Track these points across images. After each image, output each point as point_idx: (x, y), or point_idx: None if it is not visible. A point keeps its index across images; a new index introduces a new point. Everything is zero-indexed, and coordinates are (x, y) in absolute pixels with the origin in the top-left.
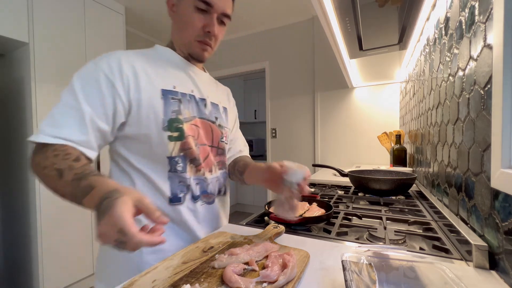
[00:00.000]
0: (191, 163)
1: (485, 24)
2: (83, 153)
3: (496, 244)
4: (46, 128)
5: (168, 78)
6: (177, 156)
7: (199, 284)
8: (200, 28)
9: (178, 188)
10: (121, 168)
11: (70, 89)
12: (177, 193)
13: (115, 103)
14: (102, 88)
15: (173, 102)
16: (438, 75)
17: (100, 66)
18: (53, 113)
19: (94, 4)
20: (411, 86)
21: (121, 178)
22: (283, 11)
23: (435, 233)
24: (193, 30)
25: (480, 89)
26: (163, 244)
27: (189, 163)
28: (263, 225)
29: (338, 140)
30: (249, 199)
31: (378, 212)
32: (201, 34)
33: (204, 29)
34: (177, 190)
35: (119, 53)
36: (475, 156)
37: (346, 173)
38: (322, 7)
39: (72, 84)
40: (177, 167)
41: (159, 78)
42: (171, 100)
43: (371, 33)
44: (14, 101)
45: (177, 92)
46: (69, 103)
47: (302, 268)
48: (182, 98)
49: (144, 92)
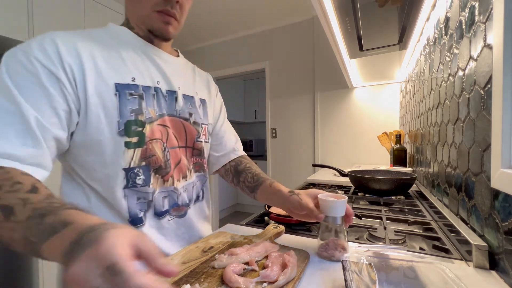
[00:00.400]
0: (156, 173)
1: (485, 24)
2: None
3: (496, 244)
4: None
5: (125, 67)
6: (137, 167)
7: (199, 284)
8: (155, 7)
9: (137, 207)
10: (74, 183)
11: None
12: (136, 213)
13: (66, 99)
14: (44, 82)
15: (131, 100)
16: (438, 75)
17: (32, 53)
18: None
19: (94, 4)
20: (411, 86)
21: (75, 196)
22: (283, 11)
23: (435, 233)
24: (149, 3)
25: (480, 89)
26: None
27: (154, 173)
28: (263, 225)
29: (338, 140)
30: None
31: (378, 212)
32: (159, 1)
33: (163, 9)
34: (136, 209)
35: (53, 34)
36: (475, 156)
37: (346, 173)
38: (322, 7)
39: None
40: (137, 180)
41: (112, 69)
42: (129, 96)
43: (371, 33)
44: None
45: (137, 86)
46: (3, 106)
47: (302, 268)
48: (144, 93)
49: (91, 86)
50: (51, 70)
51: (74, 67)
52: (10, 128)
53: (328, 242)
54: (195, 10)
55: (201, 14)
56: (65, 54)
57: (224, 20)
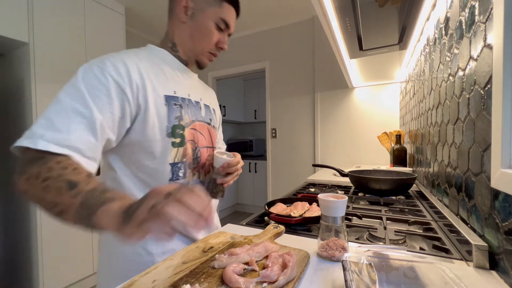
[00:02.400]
0: (189, 168)
1: (485, 24)
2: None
3: (496, 244)
4: (47, 133)
5: (168, 82)
6: (179, 162)
7: (199, 284)
8: (215, 43)
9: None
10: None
11: (75, 91)
12: None
13: (123, 108)
14: (112, 93)
15: (175, 108)
16: (438, 75)
17: (107, 70)
18: (51, 116)
19: (94, 4)
20: (411, 86)
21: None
22: (283, 11)
23: (435, 233)
24: (210, 44)
25: (480, 89)
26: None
27: (189, 168)
28: (263, 225)
29: (338, 140)
30: (249, 199)
31: (378, 212)
32: (213, 48)
33: (217, 45)
34: None
35: (122, 55)
36: (475, 156)
37: (346, 173)
38: (322, 7)
39: (76, 86)
40: (179, 173)
41: (161, 83)
42: (173, 106)
43: (371, 33)
44: (14, 101)
45: (178, 97)
46: (75, 107)
47: (302, 268)
48: (182, 103)
49: (150, 98)
50: (120, 85)
51: (139, 84)
52: (79, 126)
53: (328, 242)
54: None
55: None
56: (133, 74)
57: None
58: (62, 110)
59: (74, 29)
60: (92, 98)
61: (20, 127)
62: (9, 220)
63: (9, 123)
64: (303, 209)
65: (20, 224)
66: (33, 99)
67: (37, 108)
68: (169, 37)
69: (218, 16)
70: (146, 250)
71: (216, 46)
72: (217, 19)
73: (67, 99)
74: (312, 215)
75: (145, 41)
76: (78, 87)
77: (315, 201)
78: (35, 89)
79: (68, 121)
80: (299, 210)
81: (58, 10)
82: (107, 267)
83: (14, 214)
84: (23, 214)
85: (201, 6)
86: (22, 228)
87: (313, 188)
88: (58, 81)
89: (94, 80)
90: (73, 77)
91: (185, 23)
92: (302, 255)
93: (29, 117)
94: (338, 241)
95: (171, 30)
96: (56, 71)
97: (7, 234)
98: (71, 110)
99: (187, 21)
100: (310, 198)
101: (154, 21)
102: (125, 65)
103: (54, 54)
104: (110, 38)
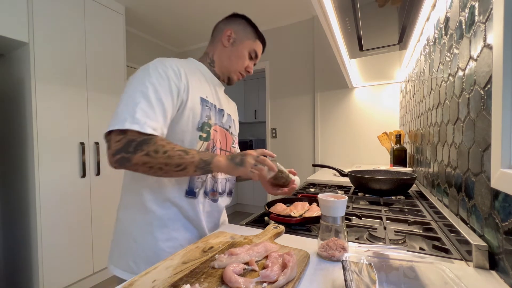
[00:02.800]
0: None
1: (485, 24)
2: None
3: (496, 244)
4: (148, 121)
5: (203, 89)
6: None
7: (199, 284)
8: (245, 67)
9: (195, 184)
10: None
11: (149, 84)
12: (193, 188)
13: (174, 102)
14: (172, 89)
15: (206, 109)
16: (438, 75)
17: (166, 71)
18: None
19: (94, 4)
20: (411, 86)
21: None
22: (283, 11)
23: (435, 233)
24: (241, 66)
25: (480, 89)
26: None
27: None
28: (263, 225)
29: (338, 140)
30: (249, 199)
31: (378, 212)
32: (243, 70)
33: (246, 68)
34: (193, 185)
35: (174, 61)
36: (475, 156)
37: (346, 173)
38: (322, 7)
39: (152, 82)
40: None
41: (198, 88)
42: (205, 106)
43: (371, 33)
44: (14, 101)
45: (208, 101)
46: (152, 97)
47: (302, 268)
48: (211, 106)
49: (190, 97)
50: (176, 84)
51: (185, 84)
52: (160, 115)
53: (328, 242)
54: (196, 10)
55: (201, 14)
56: (182, 75)
57: None
58: (144, 99)
59: (74, 29)
60: (164, 92)
61: (20, 126)
62: (9, 220)
63: (9, 122)
64: (303, 209)
65: (20, 224)
66: (33, 99)
67: (37, 108)
68: (209, 55)
69: (252, 47)
70: (152, 235)
71: (245, 69)
72: (251, 50)
73: (144, 88)
74: (312, 215)
75: (145, 41)
76: (153, 83)
77: (315, 201)
78: (35, 89)
79: (154, 111)
80: (299, 210)
81: (58, 10)
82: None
83: (14, 214)
84: (23, 214)
85: (241, 38)
86: (22, 228)
87: (313, 188)
88: (58, 81)
89: (160, 78)
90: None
91: (226, 47)
92: (302, 255)
93: (29, 117)
94: (338, 241)
95: (212, 51)
96: (56, 71)
97: (7, 234)
98: (152, 100)
99: (228, 46)
100: (310, 198)
101: (154, 21)
102: (178, 67)
103: (54, 54)
104: (110, 38)
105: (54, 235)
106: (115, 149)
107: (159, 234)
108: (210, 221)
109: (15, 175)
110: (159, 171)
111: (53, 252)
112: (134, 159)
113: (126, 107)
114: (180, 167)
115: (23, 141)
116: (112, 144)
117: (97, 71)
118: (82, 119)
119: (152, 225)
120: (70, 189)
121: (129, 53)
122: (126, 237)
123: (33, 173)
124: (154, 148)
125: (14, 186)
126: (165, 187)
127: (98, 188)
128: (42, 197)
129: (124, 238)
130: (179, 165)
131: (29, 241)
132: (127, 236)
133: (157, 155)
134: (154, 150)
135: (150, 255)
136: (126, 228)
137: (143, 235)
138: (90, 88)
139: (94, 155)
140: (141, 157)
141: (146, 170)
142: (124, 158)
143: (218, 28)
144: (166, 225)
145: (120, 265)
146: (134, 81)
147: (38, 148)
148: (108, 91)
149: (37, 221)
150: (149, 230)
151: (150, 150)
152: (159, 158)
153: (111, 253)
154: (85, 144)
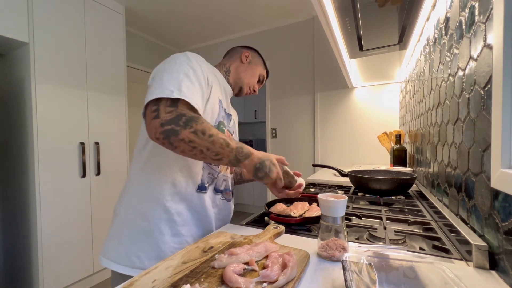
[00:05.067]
0: None
1: (485, 24)
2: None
3: (496, 244)
4: (194, 97)
5: (219, 92)
6: None
7: (199, 284)
8: (253, 85)
9: (206, 179)
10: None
11: (189, 68)
12: (204, 183)
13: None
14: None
15: (221, 109)
16: (438, 75)
17: (200, 63)
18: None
19: (94, 4)
20: (411, 86)
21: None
22: (283, 11)
23: (435, 233)
24: (253, 83)
25: (480, 89)
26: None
27: None
28: (263, 225)
29: (338, 140)
30: (249, 199)
31: (378, 212)
32: (251, 89)
33: (254, 88)
34: (205, 180)
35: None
36: (475, 156)
37: (346, 173)
38: (322, 7)
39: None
40: None
41: (216, 89)
42: (221, 107)
43: (371, 33)
44: (14, 101)
45: (222, 104)
46: (193, 79)
47: (302, 268)
48: (223, 109)
49: (212, 95)
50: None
51: (209, 82)
52: (198, 94)
53: (328, 242)
54: (196, 10)
55: (201, 14)
56: (208, 74)
57: (224, 20)
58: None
59: (74, 29)
60: (202, 78)
61: (20, 126)
62: (9, 220)
63: (9, 122)
64: (303, 209)
65: (20, 224)
66: (33, 99)
67: (37, 108)
68: (226, 65)
69: (261, 72)
70: (159, 230)
71: (253, 87)
72: (260, 74)
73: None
74: (312, 215)
75: (145, 41)
76: (193, 67)
77: (315, 201)
78: (35, 89)
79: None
80: (299, 210)
81: (58, 10)
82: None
83: (14, 214)
84: (23, 214)
85: (255, 61)
86: (22, 228)
87: (313, 188)
88: (58, 81)
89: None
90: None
91: (244, 64)
92: (302, 255)
93: (29, 117)
94: (338, 241)
95: (229, 63)
96: (56, 71)
97: (7, 234)
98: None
99: (245, 63)
100: (310, 198)
101: (154, 21)
102: (200, 64)
103: (54, 54)
104: (110, 38)
105: (54, 235)
106: (165, 119)
107: (167, 229)
108: (221, 220)
109: (15, 175)
110: (200, 154)
111: (53, 252)
112: (182, 134)
113: (171, 81)
114: (218, 156)
115: (23, 141)
116: (162, 113)
117: (97, 71)
118: (82, 119)
119: (161, 219)
120: (70, 189)
121: (129, 53)
122: (129, 231)
123: (33, 173)
124: (202, 128)
125: (14, 186)
126: (179, 182)
127: (98, 188)
128: (42, 197)
129: (126, 233)
130: (218, 153)
131: (29, 241)
132: (130, 230)
133: (203, 136)
134: (201, 130)
135: (155, 249)
136: (130, 222)
137: (149, 230)
138: (90, 88)
139: (94, 155)
140: (189, 134)
141: (188, 149)
142: (174, 130)
143: (236, 49)
144: (174, 220)
145: (120, 260)
146: (172, 61)
147: (38, 148)
148: (108, 91)
149: (37, 221)
150: (157, 225)
151: (198, 129)
152: (204, 140)
153: (107, 248)
154: (85, 144)
